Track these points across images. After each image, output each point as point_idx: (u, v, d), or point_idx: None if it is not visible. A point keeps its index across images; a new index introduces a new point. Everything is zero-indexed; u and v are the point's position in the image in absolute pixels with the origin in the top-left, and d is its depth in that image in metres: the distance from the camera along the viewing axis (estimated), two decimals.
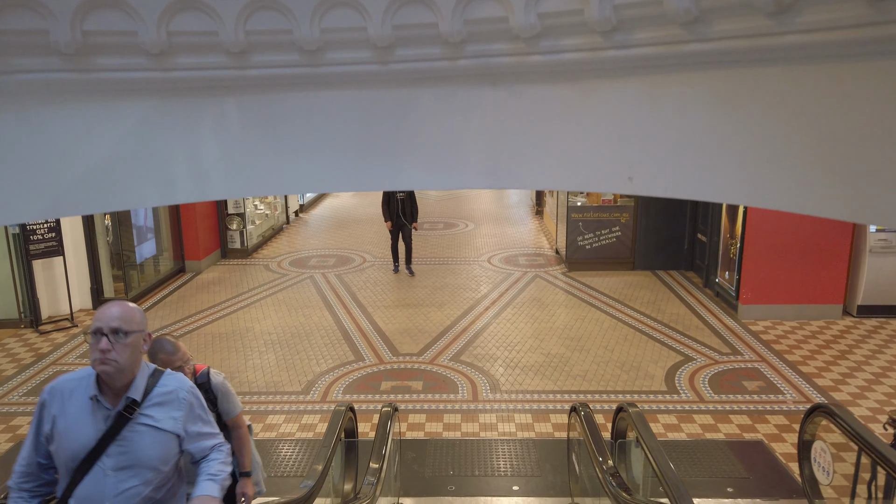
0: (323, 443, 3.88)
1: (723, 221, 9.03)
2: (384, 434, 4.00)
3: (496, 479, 5.10)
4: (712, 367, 7.05)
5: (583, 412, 4.19)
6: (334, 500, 3.90)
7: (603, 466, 3.52)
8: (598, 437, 3.87)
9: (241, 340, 7.93)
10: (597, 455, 3.67)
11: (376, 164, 3.00)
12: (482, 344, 7.77)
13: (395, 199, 10.19)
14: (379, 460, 3.70)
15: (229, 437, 3.39)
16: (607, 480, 3.35)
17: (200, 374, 3.43)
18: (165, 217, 10.56)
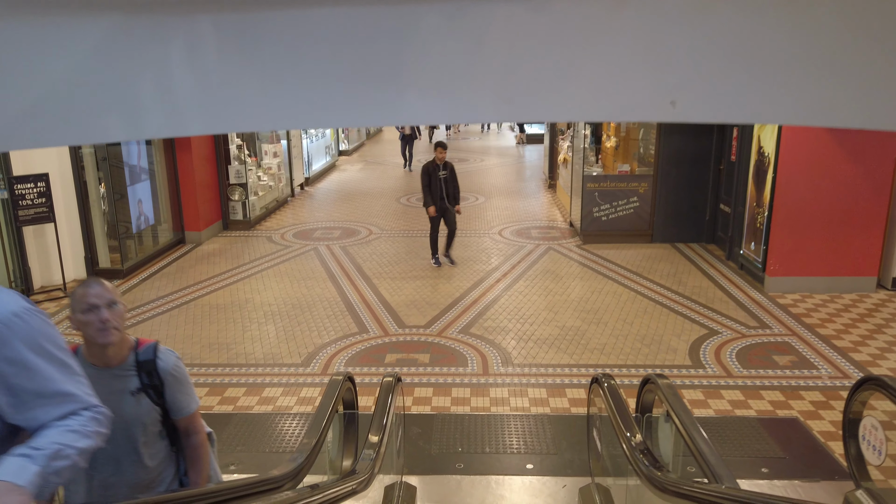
0: (316, 414, 3.48)
1: (749, 190, 8.52)
2: (385, 405, 3.60)
3: (508, 456, 4.70)
4: (739, 340, 6.60)
5: (606, 383, 3.76)
6: (330, 477, 3.51)
7: (631, 442, 3.11)
8: (624, 411, 3.45)
9: (240, 312, 7.56)
10: (624, 430, 3.25)
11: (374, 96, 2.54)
12: (493, 316, 7.35)
13: (438, 179, 8.94)
14: (379, 433, 3.30)
15: (179, 448, 2.69)
16: (637, 458, 2.93)
17: (144, 349, 2.51)
18: (164, 186, 10.17)
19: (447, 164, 8.99)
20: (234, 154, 11.35)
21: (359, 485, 2.78)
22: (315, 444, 3.19)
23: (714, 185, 9.90)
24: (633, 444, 3.08)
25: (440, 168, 8.92)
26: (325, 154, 17.98)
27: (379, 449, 3.15)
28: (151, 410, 2.52)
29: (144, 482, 2.59)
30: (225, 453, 4.75)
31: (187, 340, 6.76)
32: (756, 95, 2.14)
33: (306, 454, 3.05)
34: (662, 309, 7.48)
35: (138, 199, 9.31)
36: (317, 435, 3.25)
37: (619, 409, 3.46)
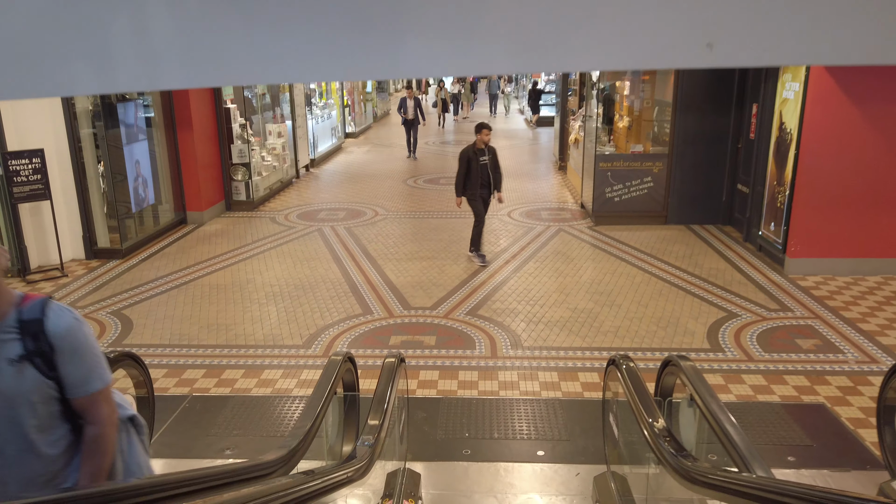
0: (313, 396, 3.23)
1: (769, 168, 8.18)
2: (387, 386, 3.35)
3: (518, 442, 4.45)
4: (760, 323, 6.31)
5: (624, 365, 3.50)
6: (328, 463, 3.27)
7: (654, 429, 2.84)
8: (645, 394, 3.19)
9: (241, 292, 7.33)
10: (645, 415, 2.98)
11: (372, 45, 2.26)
12: (502, 298, 7.08)
13: (478, 165, 7.97)
14: (379, 416, 3.05)
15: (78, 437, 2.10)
16: (661, 446, 2.67)
17: (29, 306, 1.99)
18: (165, 166, 9.93)
19: (490, 148, 8.07)
20: (237, 133, 11.08)
21: (356, 472, 2.54)
22: (310, 427, 2.94)
23: (731, 165, 9.55)
24: (657, 430, 2.82)
25: (482, 153, 7.99)
26: (331, 136, 17.69)
27: (379, 433, 2.90)
28: (41, 385, 1.97)
29: (43, 476, 2.06)
30: (221, 437, 4.53)
31: (185, 321, 6.53)
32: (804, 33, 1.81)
33: (299, 438, 2.81)
34: (678, 291, 7.19)
35: (137, 178, 9.07)
36: (312, 418, 3.01)
37: (640, 393, 3.19)
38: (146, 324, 6.47)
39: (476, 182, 8.03)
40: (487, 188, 8.15)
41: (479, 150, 7.98)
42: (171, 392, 5.16)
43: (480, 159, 8.00)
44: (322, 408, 3.16)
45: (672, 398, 3.77)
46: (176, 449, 4.41)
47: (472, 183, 8.03)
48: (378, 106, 25.91)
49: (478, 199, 8.11)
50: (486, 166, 8.05)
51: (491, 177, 8.10)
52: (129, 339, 6.11)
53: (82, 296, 7.24)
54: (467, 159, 7.96)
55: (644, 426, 2.95)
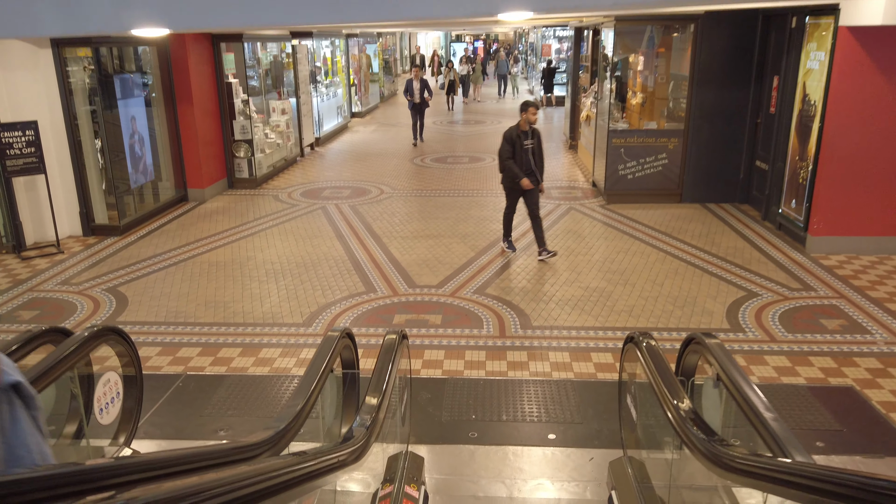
0: (306, 374, 2.98)
1: (791, 143, 7.83)
2: (387, 364, 3.10)
3: (527, 425, 4.20)
4: (781, 303, 6.01)
5: (645, 343, 3.22)
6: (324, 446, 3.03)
7: (680, 411, 2.57)
8: (668, 374, 2.91)
9: (241, 270, 7.09)
10: (669, 397, 2.72)
11: None
12: (511, 277, 6.81)
13: (521, 148, 7.05)
14: (377, 395, 2.80)
15: None
16: (689, 430, 2.40)
17: None
18: (165, 141, 9.66)
19: (534, 130, 7.10)
20: (239, 108, 10.80)
21: (350, 455, 2.29)
22: (302, 407, 2.70)
23: (750, 141, 9.19)
24: (683, 413, 2.55)
25: (526, 135, 7.03)
26: (337, 115, 17.37)
27: (377, 414, 2.65)
28: None
29: None
30: (214, 418, 4.31)
31: (182, 298, 6.31)
32: None
33: (290, 418, 2.56)
34: (695, 270, 6.89)
35: (136, 154, 8.82)
36: (305, 397, 2.76)
37: (663, 373, 2.92)
38: (141, 301, 6.25)
39: (520, 165, 7.06)
40: (531, 176, 7.10)
41: (524, 132, 7.05)
42: (164, 371, 4.94)
43: (524, 143, 7.02)
44: (317, 386, 2.91)
45: (694, 379, 3.51)
46: (166, 430, 4.20)
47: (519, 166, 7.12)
48: (385, 86, 25.50)
49: (517, 187, 7.15)
50: (530, 151, 7.07)
51: (531, 162, 7.10)
52: (122, 317, 5.89)
53: (77, 272, 7.02)
54: (511, 141, 7.01)
55: (668, 408, 2.68)
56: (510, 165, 7.07)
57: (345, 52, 18.94)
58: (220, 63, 10.42)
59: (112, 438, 3.74)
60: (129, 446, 3.73)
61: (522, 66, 34.16)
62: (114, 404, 3.59)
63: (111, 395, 3.57)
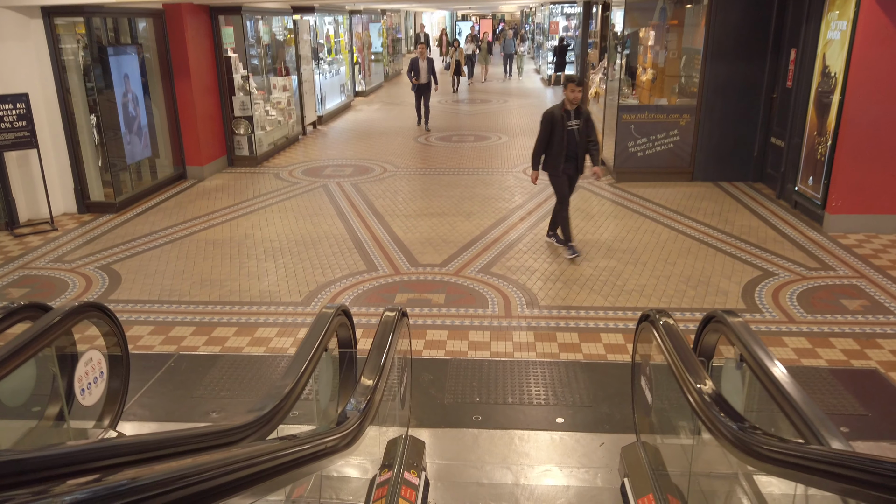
0: (298, 352, 2.78)
1: (809, 118, 7.53)
2: (384, 343, 2.88)
3: (534, 408, 4.00)
4: (799, 283, 5.77)
5: (662, 321, 3.00)
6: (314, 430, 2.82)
7: (703, 395, 2.35)
8: (689, 355, 2.69)
9: (238, 248, 6.88)
10: (690, 379, 2.49)
11: None
12: (517, 255, 6.58)
13: (565, 131, 6.16)
14: (374, 375, 2.59)
15: None
16: (715, 415, 2.18)
17: None
18: (162, 117, 9.42)
19: (582, 110, 6.26)
20: (239, 84, 10.53)
21: (341, 440, 2.08)
22: (292, 388, 2.49)
23: (765, 117, 8.88)
24: (707, 396, 2.32)
25: (570, 116, 6.19)
26: (340, 93, 17.06)
27: (372, 396, 2.44)
28: None
29: None
30: (206, 399, 4.12)
31: (177, 276, 6.11)
32: None
33: (278, 400, 2.36)
34: (708, 249, 6.64)
35: (132, 130, 8.59)
36: (295, 376, 2.55)
37: (682, 353, 2.70)
38: (135, 279, 6.05)
39: (560, 152, 6.21)
40: (574, 162, 6.30)
41: (567, 111, 6.18)
42: (156, 350, 4.75)
43: (568, 124, 6.17)
44: (309, 365, 2.71)
45: (712, 360, 3.28)
46: (156, 411, 4.01)
47: (555, 154, 6.24)
48: (389, 65, 25.10)
49: (560, 174, 6.34)
50: (575, 133, 6.21)
51: (576, 145, 6.24)
52: (115, 295, 5.70)
53: (70, 250, 6.83)
54: (551, 123, 6.19)
55: (690, 392, 2.46)
56: (535, 154, 6.39)
57: (348, 30, 18.57)
58: (219, 37, 10.13)
59: (97, 420, 3.55)
60: (114, 429, 3.54)
61: (529, 45, 33.62)
62: (97, 385, 3.40)
63: (94, 375, 3.38)
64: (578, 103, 6.20)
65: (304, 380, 2.64)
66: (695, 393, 2.40)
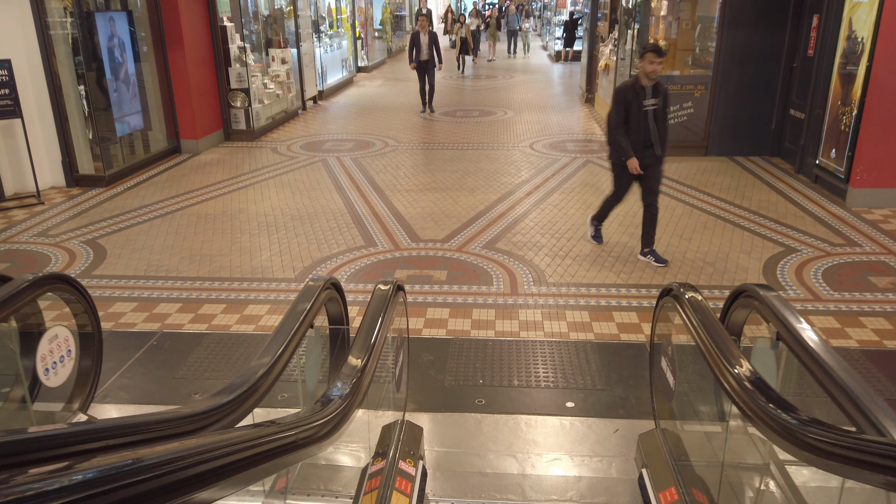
0: (279, 328, 2.47)
1: (832, 86, 7.12)
2: (376, 319, 2.57)
3: (542, 391, 3.70)
4: (824, 259, 5.43)
5: (688, 296, 2.67)
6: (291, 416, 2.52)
7: (742, 379, 2.03)
8: (720, 333, 2.37)
9: (231, 222, 6.57)
10: (723, 360, 2.17)
11: None
12: (523, 231, 6.25)
13: (642, 112, 5.14)
14: (362, 356, 2.28)
15: None
16: (757, 402, 1.86)
17: None
18: (155, 88, 9.06)
19: (659, 86, 5.18)
20: (235, 55, 10.15)
21: (319, 429, 1.77)
22: (268, 369, 2.19)
23: (784, 87, 8.47)
24: (748, 382, 2.00)
25: (647, 93, 5.13)
26: (342, 68, 16.63)
27: (360, 379, 2.13)
28: None
29: None
30: (189, 380, 3.83)
31: (165, 251, 5.80)
32: None
33: (248, 383, 2.05)
34: (725, 224, 6.30)
35: (123, 101, 8.24)
36: (272, 356, 2.25)
37: (713, 331, 2.38)
38: (121, 254, 5.75)
39: (637, 138, 5.18)
40: (648, 150, 5.22)
41: (643, 88, 5.11)
42: (138, 328, 4.45)
43: (645, 104, 5.12)
44: (290, 343, 2.40)
45: (740, 340, 2.97)
46: (134, 393, 3.72)
47: (632, 138, 5.22)
48: (393, 41, 24.57)
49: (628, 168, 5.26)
50: (650, 115, 5.18)
51: (654, 129, 5.20)
52: (99, 270, 5.40)
53: (56, 224, 6.53)
54: (626, 101, 5.16)
55: (724, 374, 2.14)
56: (618, 139, 5.24)
57: (350, 2, 18.08)
58: (214, 4, 9.73)
59: (66, 403, 3.27)
60: (84, 412, 3.26)
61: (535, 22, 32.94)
62: (64, 364, 3.11)
63: (60, 354, 3.08)
64: (657, 78, 5.13)
65: (283, 360, 2.33)
66: (732, 378, 2.09)
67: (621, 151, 5.28)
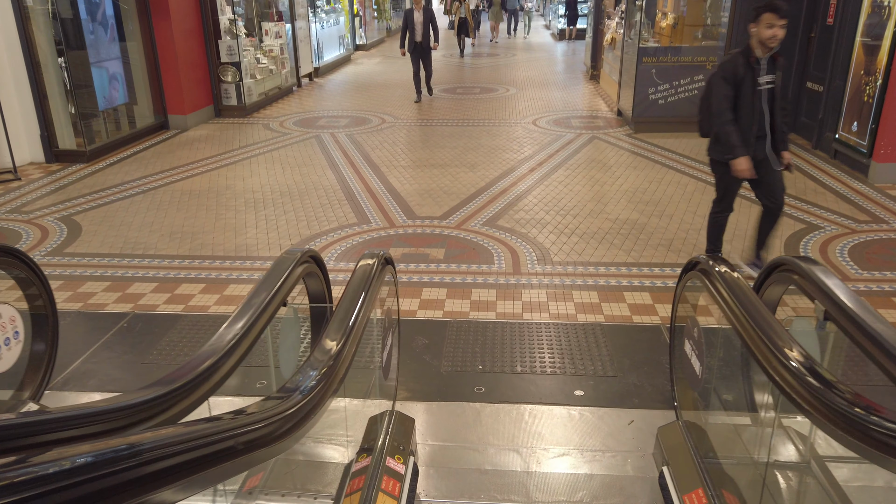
0: (243, 306, 2.12)
1: (855, 55, 6.71)
2: (357, 296, 2.21)
3: (547, 378, 3.35)
4: (849, 237, 5.06)
5: (721, 269, 2.31)
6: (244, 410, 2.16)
7: (799, 370, 1.67)
8: (762, 310, 2.01)
9: (217, 199, 6.20)
10: (770, 342, 1.81)
11: None
12: (526, 207, 5.88)
13: (753, 90, 3.94)
14: (338, 337, 1.92)
15: None
16: (826, 398, 1.51)
17: None
18: (140, 60, 8.65)
19: (777, 59, 3.98)
20: (226, 27, 9.71)
21: (277, 425, 1.41)
22: (223, 354, 1.83)
23: (801, 59, 8.05)
24: (806, 371, 1.64)
25: (762, 68, 3.95)
26: (339, 45, 16.16)
27: (333, 366, 1.77)
28: None
29: None
30: (161, 366, 3.48)
31: (144, 229, 5.44)
32: None
33: (196, 371, 1.70)
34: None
35: (106, 73, 7.84)
36: (230, 339, 1.89)
37: (755, 311, 2.01)
38: (97, 231, 5.39)
39: (748, 123, 3.98)
40: (761, 142, 4.04)
41: (757, 62, 3.93)
42: (108, 309, 4.10)
43: (760, 82, 3.95)
44: (253, 323, 2.05)
45: None
46: (98, 379, 3.38)
47: (743, 126, 4.00)
48: (392, 20, 24.01)
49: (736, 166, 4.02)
50: (767, 97, 3.99)
51: (768, 115, 4.01)
52: (72, 248, 5.04)
53: (31, 200, 6.16)
54: (735, 79, 3.96)
55: (772, 359, 1.78)
56: (726, 129, 3.97)
57: None
58: None
59: (15, 390, 2.93)
60: (36, 401, 2.91)
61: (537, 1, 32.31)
62: (10, 348, 2.76)
63: (5, 336, 2.73)
64: (776, 47, 3.88)
65: (244, 342, 1.98)
66: (781, 363, 1.73)
67: (727, 147, 4.00)
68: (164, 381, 1.61)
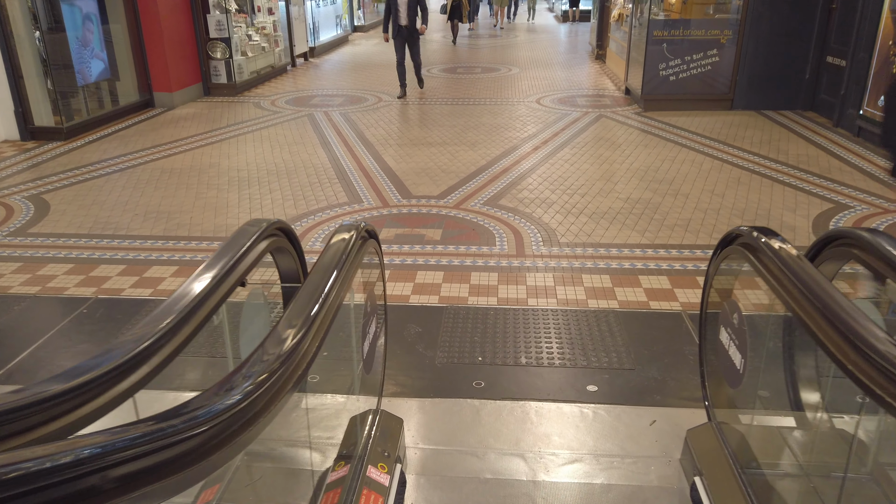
0: (183, 287, 1.72)
1: (882, 25, 6.26)
2: (327, 274, 1.80)
3: (555, 371, 2.95)
4: (881, 216, 4.65)
5: (772, 244, 1.90)
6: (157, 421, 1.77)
7: (878, 347, 1.27)
8: (834, 295, 1.60)
9: (198, 177, 5.79)
10: (852, 329, 1.41)
11: None
12: (530, 186, 5.47)
13: None
14: (296, 327, 1.52)
15: None
16: None
17: None
18: (123, 34, 8.20)
19: None
20: (214, 1, 9.25)
21: (192, 447, 1.01)
22: (153, 341, 1.44)
23: (821, 32, 7.59)
24: None
25: None
26: (336, 25, 15.67)
27: (286, 363, 1.36)
28: None
29: None
30: None
31: (118, 208, 5.04)
32: None
33: (116, 359, 1.31)
34: (762, 179, 5.50)
35: (84, 47, 7.40)
36: (162, 323, 1.50)
37: (824, 295, 1.60)
38: (66, 210, 4.99)
39: None
40: None
41: None
42: (68, 293, 3.70)
43: None
44: (199, 305, 1.65)
45: None
46: (49, 369, 2.99)
47: None
48: None
49: None
50: None
51: None
52: (36, 228, 4.64)
53: (0, 178, 5.75)
54: None
55: (853, 350, 1.38)
56: None
57: None
58: None
59: None
60: None
61: None
62: None
63: None
64: None
65: (186, 328, 1.58)
66: (868, 364, 1.32)
67: None
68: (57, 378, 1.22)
